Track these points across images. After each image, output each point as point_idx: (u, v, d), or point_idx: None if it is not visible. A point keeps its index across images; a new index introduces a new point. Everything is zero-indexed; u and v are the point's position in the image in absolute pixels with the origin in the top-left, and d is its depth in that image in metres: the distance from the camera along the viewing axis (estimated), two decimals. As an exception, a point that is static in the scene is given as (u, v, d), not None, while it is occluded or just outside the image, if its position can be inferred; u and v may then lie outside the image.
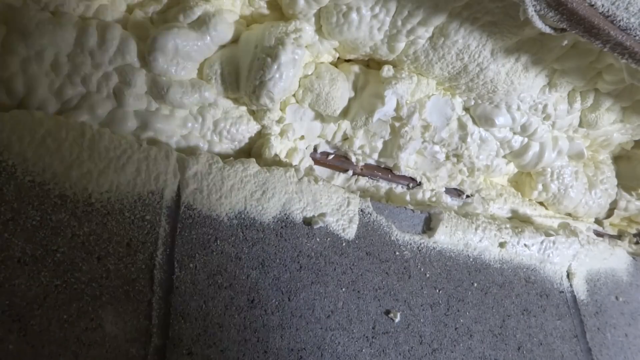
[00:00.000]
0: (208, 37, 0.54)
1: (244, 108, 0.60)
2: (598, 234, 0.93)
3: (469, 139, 0.73)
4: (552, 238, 0.78)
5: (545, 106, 0.72)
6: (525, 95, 0.70)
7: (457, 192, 0.79)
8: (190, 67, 0.55)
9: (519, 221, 0.82)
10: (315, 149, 0.66)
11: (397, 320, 0.59)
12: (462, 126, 0.73)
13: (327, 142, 0.67)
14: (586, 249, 0.81)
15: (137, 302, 0.45)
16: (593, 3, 0.42)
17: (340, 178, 0.67)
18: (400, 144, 0.67)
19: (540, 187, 0.84)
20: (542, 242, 0.77)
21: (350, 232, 0.60)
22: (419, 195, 0.73)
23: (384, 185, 0.71)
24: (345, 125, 0.66)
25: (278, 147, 0.61)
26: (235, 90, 0.57)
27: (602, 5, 0.42)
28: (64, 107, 0.50)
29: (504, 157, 0.80)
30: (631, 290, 0.89)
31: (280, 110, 0.61)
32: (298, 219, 0.57)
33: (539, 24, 0.48)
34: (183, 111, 0.55)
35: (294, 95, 0.62)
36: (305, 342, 0.52)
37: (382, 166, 0.71)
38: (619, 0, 0.48)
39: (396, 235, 0.64)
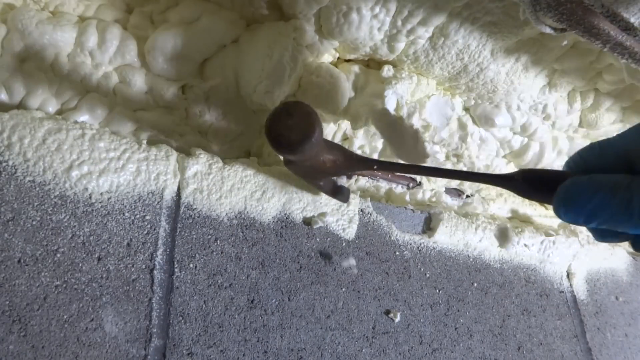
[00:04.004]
0: (208, 37, 0.54)
1: (244, 108, 0.60)
2: (598, 234, 0.93)
3: (469, 139, 0.73)
4: (552, 238, 0.78)
5: (545, 106, 0.72)
6: (525, 95, 0.70)
7: (457, 192, 0.79)
8: (190, 67, 0.55)
9: (519, 221, 0.82)
10: (315, 149, 0.66)
11: (397, 320, 0.59)
12: (462, 126, 0.73)
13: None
14: (586, 249, 0.81)
15: (137, 302, 0.45)
16: (593, 3, 0.42)
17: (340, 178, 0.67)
18: (400, 144, 0.67)
19: (540, 187, 0.84)
20: (542, 242, 0.77)
21: (350, 232, 0.60)
22: (419, 195, 0.73)
23: (384, 185, 0.71)
24: (345, 125, 0.66)
25: (278, 147, 0.60)
26: (235, 91, 0.57)
27: (602, 5, 0.42)
28: (64, 107, 0.50)
29: (504, 157, 0.80)
30: (631, 290, 0.89)
31: (280, 110, 0.60)
32: (298, 219, 0.57)
33: (539, 24, 0.48)
34: (183, 111, 0.55)
35: (294, 95, 0.62)
36: (305, 342, 0.52)
37: (382, 166, 0.71)
38: (618, 0, 0.48)
39: (396, 235, 0.64)
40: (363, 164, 0.46)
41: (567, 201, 0.34)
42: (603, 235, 0.37)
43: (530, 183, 0.39)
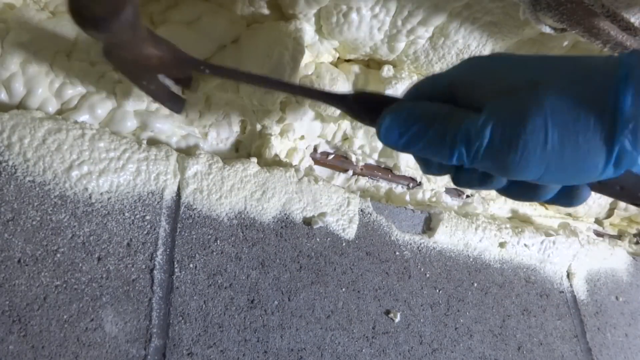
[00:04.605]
0: (208, 37, 0.54)
1: (244, 108, 0.60)
2: (598, 234, 0.93)
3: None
4: (552, 238, 0.78)
5: (545, 106, 0.72)
6: (525, 95, 0.70)
7: (457, 192, 0.79)
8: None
9: (519, 221, 0.82)
10: (315, 149, 0.66)
11: (397, 320, 0.59)
12: (462, 126, 0.73)
13: (327, 142, 0.66)
14: (586, 249, 0.81)
15: (137, 302, 0.45)
16: (593, 3, 0.42)
17: (340, 178, 0.67)
18: (400, 144, 0.67)
19: (540, 187, 0.84)
20: (542, 242, 0.77)
21: (350, 232, 0.60)
22: (419, 195, 0.73)
23: (384, 185, 0.71)
24: (345, 125, 0.66)
25: (278, 147, 0.60)
26: (235, 90, 0.57)
27: (602, 5, 0.42)
28: (64, 107, 0.50)
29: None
30: (631, 290, 0.89)
31: (281, 110, 0.61)
32: (298, 219, 0.57)
33: (539, 24, 0.48)
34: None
35: (294, 96, 0.62)
36: (305, 342, 0.52)
37: (382, 166, 0.71)
38: (618, 0, 0.48)
39: (396, 235, 0.64)
40: (191, 64, 0.43)
41: (388, 126, 0.35)
42: (427, 166, 0.38)
43: (361, 104, 0.39)
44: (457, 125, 0.32)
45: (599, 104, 0.29)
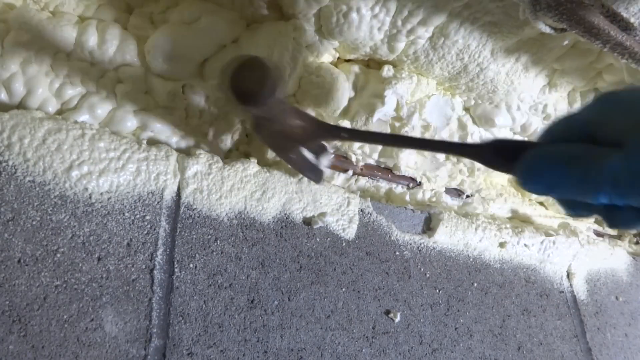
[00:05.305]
0: (208, 37, 0.54)
1: (244, 108, 0.60)
2: (598, 234, 0.93)
3: (469, 139, 0.73)
4: (552, 238, 0.78)
5: (545, 106, 0.72)
6: (525, 95, 0.70)
7: (457, 192, 0.79)
8: (190, 67, 0.55)
9: (519, 221, 0.82)
10: (315, 149, 0.66)
11: (397, 320, 0.59)
12: (462, 126, 0.73)
13: (327, 142, 0.66)
14: (586, 249, 0.81)
15: (137, 302, 0.45)
16: (593, 3, 0.42)
17: (340, 178, 0.67)
18: (400, 144, 0.67)
19: (540, 187, 0.84)
20: (542, 242, 0.77)
21: (350, 232, 0.60)
22: (419, 195, 0.73)
23: (384, 185, 0.71)
24: (345, 125, 0.66)
25: (278, 147, 0.60)
26: (235, 90, 0.57)
27: (602, 5, 0.42)
28: (64, 107, 0.50)
29: (504, 157, 0.80)
30: (631, 290, 0.89)
31: (280, 110, 0.60)
32: (298, 219, 0.57)
33: (539, 24, 0.48)
34: (183, 111, 0.55)
35: (294, 95, 0.62)
36: (305, 342, 0.52)
37: (382, 166, 0.71)
38: (618, 0, 0.48)
39: (396, 235, 0.64)
40: (332, 132, 0.47)
41: (528, 172, 0.34)
42: (573, 207, 0.37)
43: (496, 153, 0.39)
44: (600, 164, 0.31)
45: None
